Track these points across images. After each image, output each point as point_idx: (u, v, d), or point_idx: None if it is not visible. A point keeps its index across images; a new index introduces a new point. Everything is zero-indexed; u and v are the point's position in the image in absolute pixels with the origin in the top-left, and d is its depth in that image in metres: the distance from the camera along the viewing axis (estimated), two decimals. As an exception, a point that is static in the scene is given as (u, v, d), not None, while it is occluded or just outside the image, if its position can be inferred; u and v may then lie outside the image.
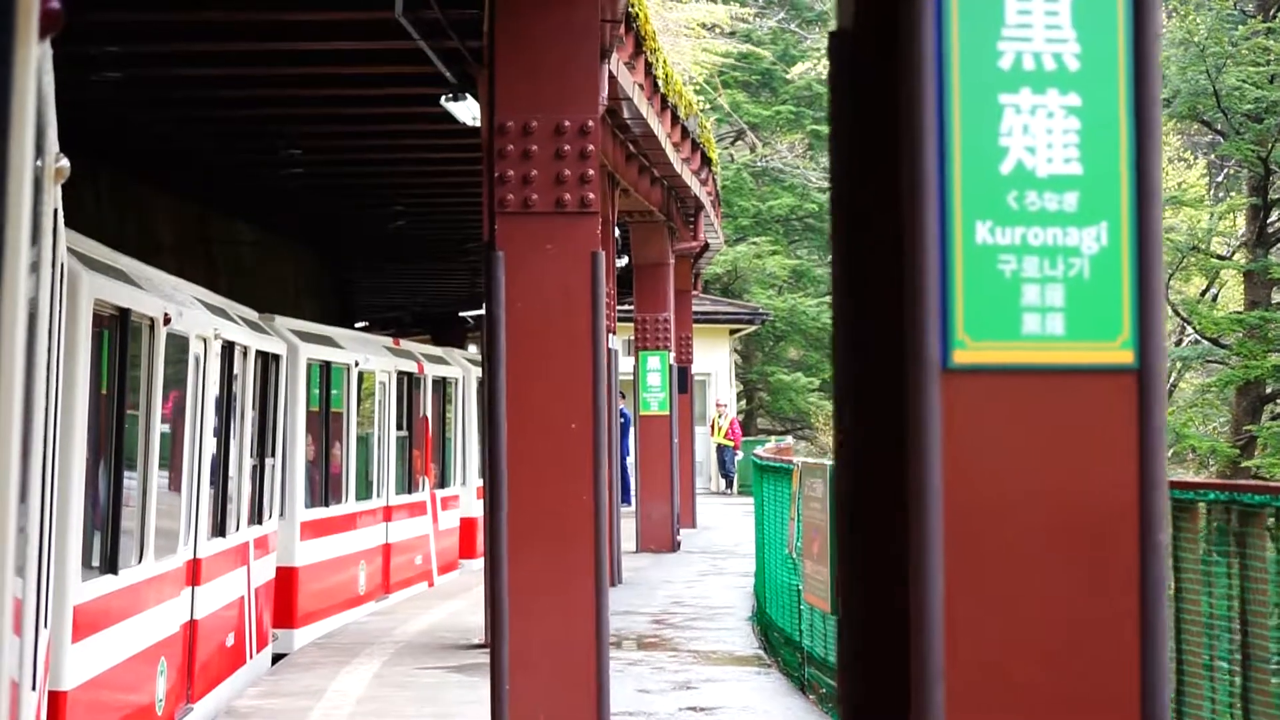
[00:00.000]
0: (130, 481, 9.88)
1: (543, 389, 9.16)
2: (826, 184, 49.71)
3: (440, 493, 21.87)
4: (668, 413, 25.08)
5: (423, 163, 21.84)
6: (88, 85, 15.46)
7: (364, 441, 18.43)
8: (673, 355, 25.42)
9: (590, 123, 9.23)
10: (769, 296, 49.36)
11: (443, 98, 16.40)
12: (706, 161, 24.80)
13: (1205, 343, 36.18)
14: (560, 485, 9.14)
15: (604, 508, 9.19)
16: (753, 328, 46.72)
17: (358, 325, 32.21)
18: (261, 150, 20.36)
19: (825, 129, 50.06)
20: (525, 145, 9.13)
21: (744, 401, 50.87)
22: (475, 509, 22.47)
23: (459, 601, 18.88)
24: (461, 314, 44.59)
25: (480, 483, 22.63)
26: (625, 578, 20.31)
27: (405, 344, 21.58)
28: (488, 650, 14.59)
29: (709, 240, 29.00)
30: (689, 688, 12.44)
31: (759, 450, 21.47)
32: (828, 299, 50.46)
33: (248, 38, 15.22)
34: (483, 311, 32.78)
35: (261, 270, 26.71)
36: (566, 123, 9.18)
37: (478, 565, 21.85)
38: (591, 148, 9.22)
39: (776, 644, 14.25)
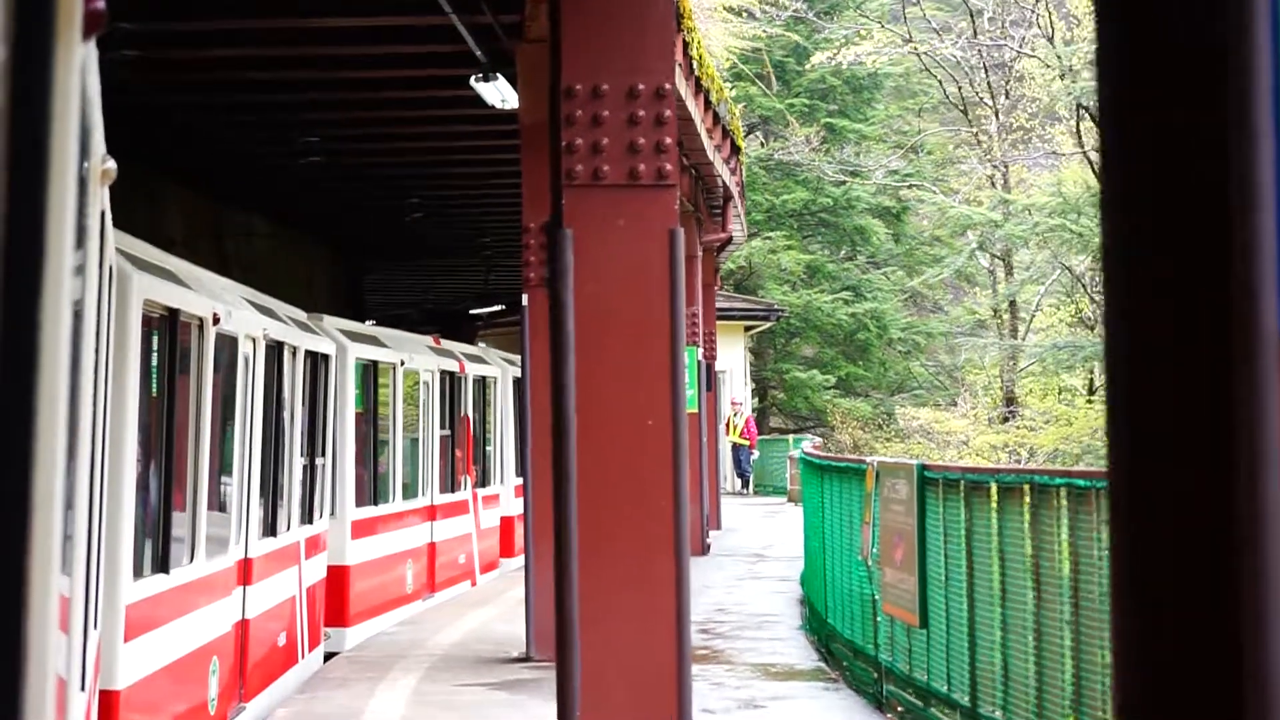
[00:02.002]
0: (181, 481, 9.81)
1: (616, 381, 8.26)
2: (842, 175, 48.89)
3: (481, 492, 21.78)
4: (697, 410, 24.12)
5: (443, 153, 20.96)
6: (98, 64, 14.54)
7: (410, 440, 18.32)
8: (700, 351, 24.50)
9: (667, 85, 8.33)
10: (783, 292, 48.49)
11: (472, 78, 15.55)
12: (735, 149, 23.92)
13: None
14: (636, 488, 8.24)
15: (685, 512, 8.29)
16: (768, 324, 45.90)
17: (366, 323, 31.43)
18: (278, 139, 19.48)
19: (839, 122, 49.23)
20: (595, 110, 8.23)
21: (757, 399, 49.99)
22: (514, 508, 22.53)
23: (489, 609, 17.98)
24: (472, 311, 43.87)
25: (519, 481, 22.82)
26: (659, 583, 19.40)
27: (446, 343, 21.53)
28: (530, 664, 13.77)
29: (733, 232, 28.11)
30: (755, 706, 11.53)
31: (806, 447, 20.60)
32: (843, 294, 49.77)
33: (266, 14, 14.36)
34: (494, 309, 32.08)
35: (274, 265, 25.78)
36: (640, 86, 8.28)
37: (515, 564, 22.11)
38: (668, 113, 8.32)
39: (841, 656, 13.36)
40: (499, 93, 15.96)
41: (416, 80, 17.01)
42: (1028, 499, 8.51)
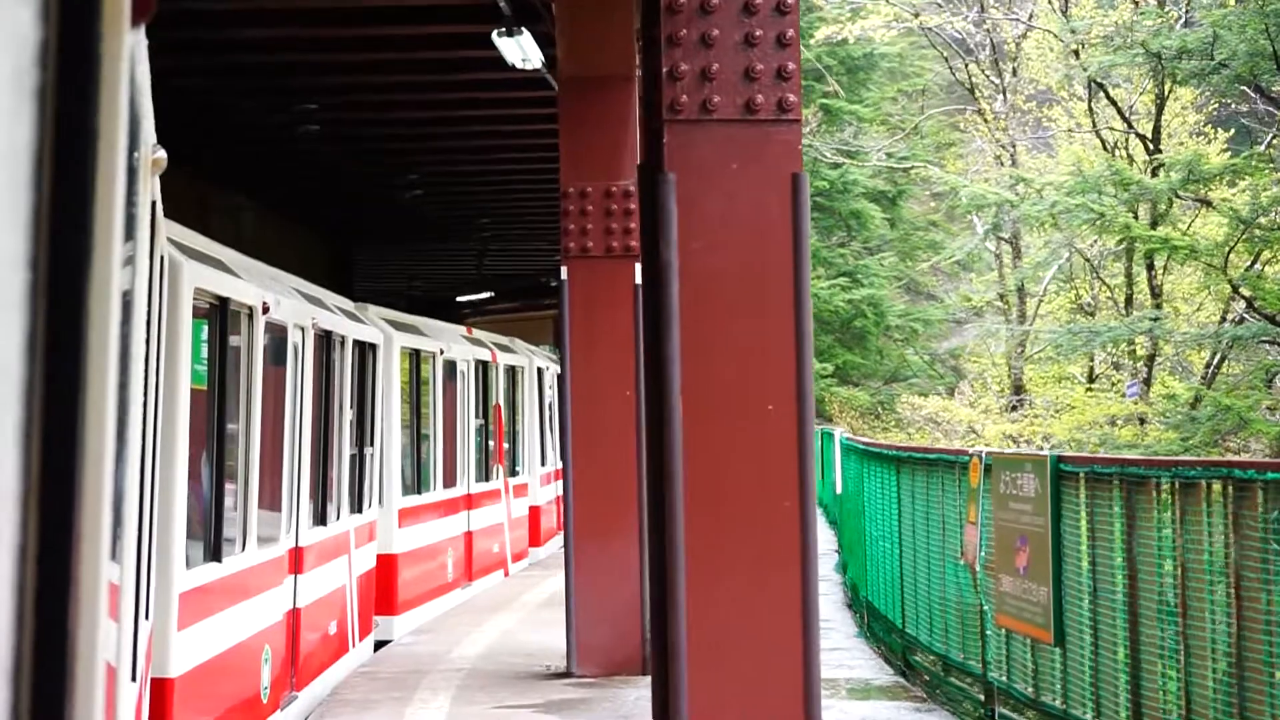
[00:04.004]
0: (232, 469, 9.76)
1: (729, 358, 6.84)
2: (839, 158, 47.49)
3: (511, 481, 21.91)
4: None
5: (448, 123, 19.47)
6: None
7: (449, 429, 18.48)
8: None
9: (790, -1, 6.91)
10: (779, 279, 47.04)
11: (494, 33, 14.11)
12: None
13: (1250, 320, 34.04)
14: (755, 488, 6.82)
15: (813, 517, 6.88)
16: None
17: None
18: (273, 105, 17.97)
19: (835, 103, 47.77)
20: (704, 29, 6.79)
21: (750, 389, 48.57)
22: (540, 497, 23.07)
23: (509, 615, 16.54)
24: (459, 299, 42.70)
25: (544, 470, 23.57)
26: (687, 584, 18.02)
27: (476, 332, 21.91)
28: (573, 681, 12.33)
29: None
30: (845, 733, 10.12)
31: (843, 434, 19.26)
32: (839, 281, 48.37)
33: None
34: (482, 296, 31.42)
35: (260, 249, 24.22)
36: (758, -1, 6.86)
37: (542, 553, 23.08)
38: (791, 32, 6.90)
39: (923, 670, 11.95)
40: (521, 50, 14.49)
41: (425, 39, 15.54)
42: (1221, 497, 7.11)
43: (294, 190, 24.07)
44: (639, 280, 12.80)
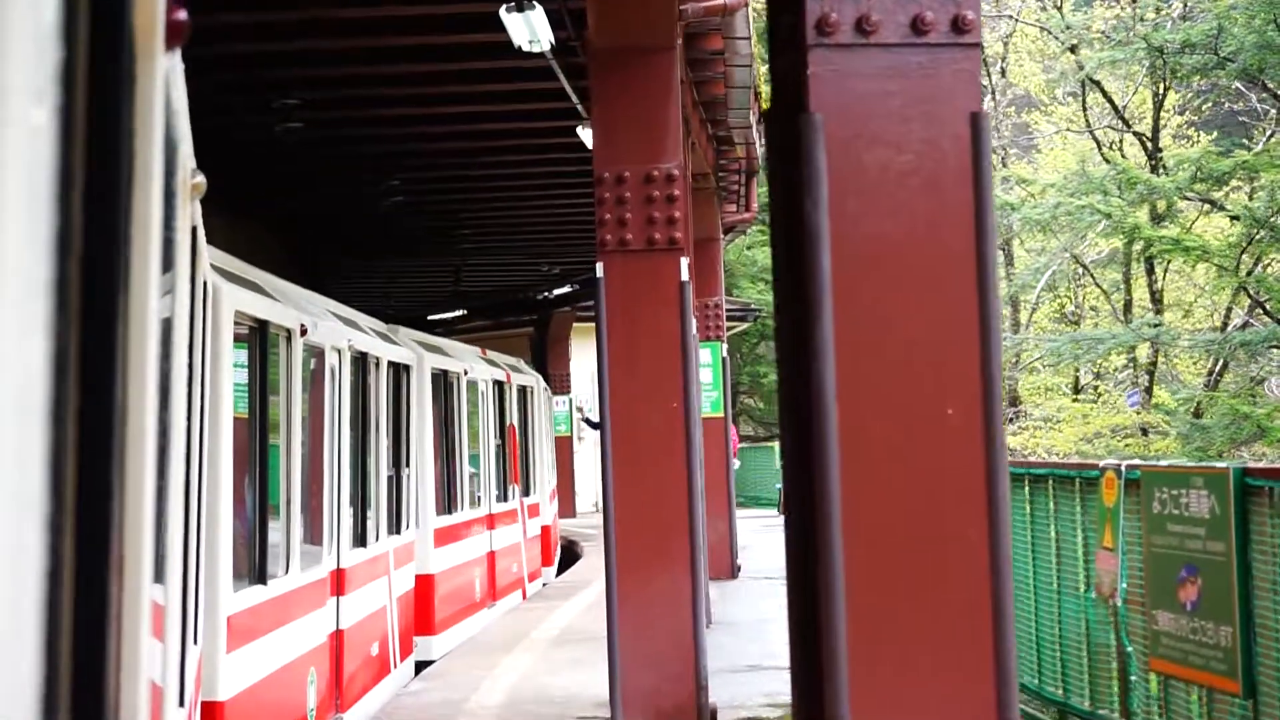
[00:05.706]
0: (273, 491, 9.77)
1: (895, 351, 5.36)
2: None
3: (525, 500, 21.85)
4: (722, 414, 21.28)
5: (440, 120, 17.97)
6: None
7: (471, 449, 18.63)
8: (724, 347, 21.59)
9: (963, -109, 5.44)
10: (759, 291, 45.73)
11: (503, 8, 12.69)
12: (761, 116, 21.11)
13: (1256, 325, 32.92)
14: (930, 514, 5.34)
15: (1006, 550, 5.40)
16: (745, 325, 43.15)
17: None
18: (253, 103, 16.44)
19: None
20: (858, -71, 5.34)
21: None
22: (549, 516, 23.58)
23: (522, 656, 15.00)
24: (430, 317, 41.38)
25: (552, 486, 24.08)
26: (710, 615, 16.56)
27: (490, 353, 21.98)
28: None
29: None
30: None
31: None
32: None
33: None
34: (456, 314, 31.03)
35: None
36: (923, -108, 5.40)
37: (552, 573, 23.41)
38: (967, -67, 5.44)
39: (1026, 716, 10.46)
40: (529, 29, 13.05)
41: (421, 20, 14.09)
42: None
43: (265, 197, 22.53)
44: (685, 276, 11.34)
